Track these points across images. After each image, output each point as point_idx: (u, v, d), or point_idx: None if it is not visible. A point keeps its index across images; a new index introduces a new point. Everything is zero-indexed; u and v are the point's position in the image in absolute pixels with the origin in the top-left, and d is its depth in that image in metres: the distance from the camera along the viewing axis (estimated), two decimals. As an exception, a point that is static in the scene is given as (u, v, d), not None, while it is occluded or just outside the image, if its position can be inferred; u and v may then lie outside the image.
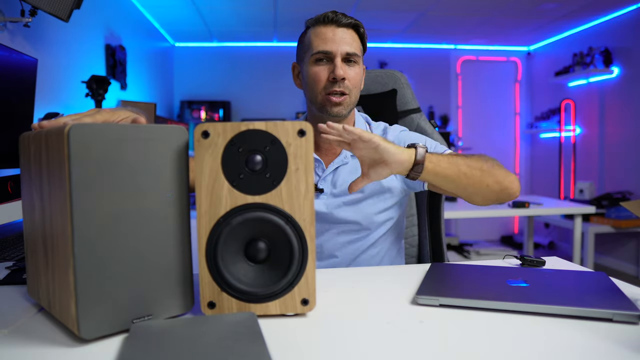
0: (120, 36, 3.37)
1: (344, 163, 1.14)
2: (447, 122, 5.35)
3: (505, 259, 0.98)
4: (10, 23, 1.95)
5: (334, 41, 1.05)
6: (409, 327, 0.62)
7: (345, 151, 1.14)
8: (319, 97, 1.08)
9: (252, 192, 0.65)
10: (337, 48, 1.05)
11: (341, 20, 1.06)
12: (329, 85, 1.06)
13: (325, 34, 1.06)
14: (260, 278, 0.67)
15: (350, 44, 1.06)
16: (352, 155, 1.14)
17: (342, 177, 1.13)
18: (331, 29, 1.06)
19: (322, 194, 1.13)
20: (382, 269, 0.96)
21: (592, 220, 3.85)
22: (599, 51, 4.22)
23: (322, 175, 1.14)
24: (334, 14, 1.06)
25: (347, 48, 1.05)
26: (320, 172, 1.14)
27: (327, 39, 1.05)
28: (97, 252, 0.57)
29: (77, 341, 0.58)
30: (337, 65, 1.04)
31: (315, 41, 1.07)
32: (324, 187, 1.13)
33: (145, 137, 0.61)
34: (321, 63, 1.07)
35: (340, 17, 1.06)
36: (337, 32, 1.06)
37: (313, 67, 1.07)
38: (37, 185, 0.65)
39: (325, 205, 1.12)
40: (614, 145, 4.21)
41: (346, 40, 1.06)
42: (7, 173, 1.61)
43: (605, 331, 0.60)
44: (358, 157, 0.85)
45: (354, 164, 1.14)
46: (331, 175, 1.14)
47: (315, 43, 1.06)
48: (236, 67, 5.12)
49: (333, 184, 1.13)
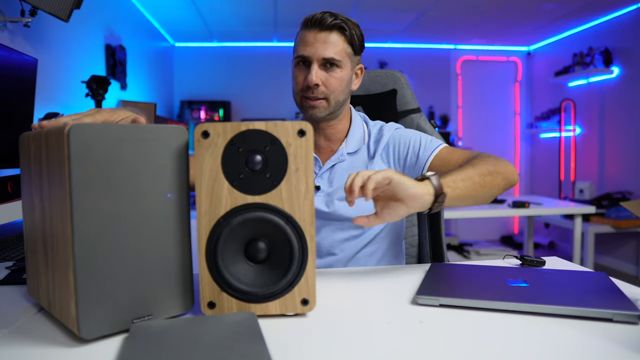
0: (120, 36, 3.37)
1: (340, 160, 1.14)
2: (447, 122, 5.35)
3: (505, 259, 0.98)
4: (10, 23, 1.95)
5: (313, 45, 1.04)
6: (409, 327, 0.62)
7: (341, 149, 1.14)
8: (297, 98, 1.10)
9: (252, 192, 0.65)
10: (314, 53, 1.04)
11: (325, 21, 1.04)
12: (305, 89, 1.06)
13: (307, 38, 1.05)
14: (260, 278, 0.67)
15: (330, 48, 1.04)
16: (348, 152, 1.15)
17: (339, 175, 1.13)
18: (313, 33, 1.05)
19: (319, 191, 1.13)
20: (382, 268, 0.96)
21: (592, 220, 3.85)
22: (599, 51, 4.22)
23: (318, 173, 1.15)
24: (321, 15, 1.04)
25: (325, 53, 1.04)
26: (317, 169, 1.15)
27: (307, 42, 1.05)
28: (97, 252, 0.57)
29: (77, 341, 0.58)
30: (311, 71, 1.04)
31: (298, 45, 1.07)
32: (321, 184, 1.14)
33: (145, 137, 0.61)
34: (300, 66, 1.07)
35: (326, 18, 1.04)
36: (318, 36, 1.04)
37: (294, 70, 1.09)
38: (37, 185, 0.65)
39: (322, 202, 1.13)
40: (614, 145, 4.21)
41: (326, 45, 1.04)
42: (7, 173, 1.61)
43: (605, 331, 0.60)
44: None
45: (350, 162, 1.15)
46: (328, 172, 1.15)
47: (298, 47, 1.07)
48: (236, 67, 5.12)
49: (330, 182, 1.14)
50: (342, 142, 1.16)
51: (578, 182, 4.42)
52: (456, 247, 3.88)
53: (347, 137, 1.16)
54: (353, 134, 1.16)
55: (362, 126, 1.19)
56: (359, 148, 1.16)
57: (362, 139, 1.17)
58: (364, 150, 1.16)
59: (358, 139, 1.16)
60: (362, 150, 1.16)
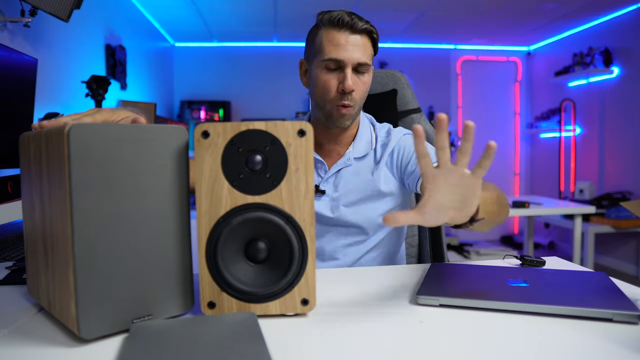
0: (120, 36, 3.37)
1: (346, 165, 1.11)
2: (447, 122, 5.35)
3: (505, 259, 0.98)
4: (10, 23, 1.95)
5: (346, 49, 0.99)
6: (409, 327, 0.62)
7: (348, 153, 1.11)
8: (327, 106, 1.03)
9: (252, 192, 0.65)
10: (350, 57, 0.99)
11: (356, 25, 0.99)
12: (338, 97, 1.01)
13: (338, 40, 0.99)
14: (260, 278, 0.67)
15: (363, 52, 1.00)
16: (355, 157, 1.11)
17: (345, 180, 1.11)
18: (344, 35, 0.99)
19: (324, 196, 1.11)
20: (382, 269, 0.96)
21: (592, 220, 3.86)
22: (599, 51, 4.22)
23: (324, 177, 1.12)
24: (349, 17, 0.99)
25: (360, 57, 1.00)
26: (323, 173, 1.12)
27: (340, 45, 0.99)
28: (97, 252, 0.57)
29: (77, 341, 0.58)
30: (347, 77, 0.99)
31: (328, 46, 1.00)
32: (326, 188, 1.12)
33: (145, 137, 0.61)
34: (331, 71, 1.01)
35: (355, 21, 1.00)
36: (350, 39, 0.99)
37: (323, 74, 1.02)
38: (37, 185, 0.65)
39: (327, 207, 1.11)
40: (614, 145, 4.21)
41: (359, 49, 1.00)
42: (7, 173, 1.61)
43: (605, 331, 0.60)
44: (429, 188, 0.62)
45: (356, 167, 1.12)
46: (333, 177, 1.12)
47: (328, 49, 1.00)
48: (236, 67, 5.12)
49: (335, 186, 1.11)
50: (350, 145, 1.12)
51: (578, 182, 4.42)
52: (456, 247, 3.88)
53: (354, 140, 1.12)
54: (361, 137, 1.13)
55: (369, 129, 1.16)
56: (367, 153, 1.12)
57: (370, 143, 1.13)
58: (370, 155, 1.13)
59: (365, 144, 1.13)
60: (369, 155, 1.13)
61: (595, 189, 4.35)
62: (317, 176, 1.13)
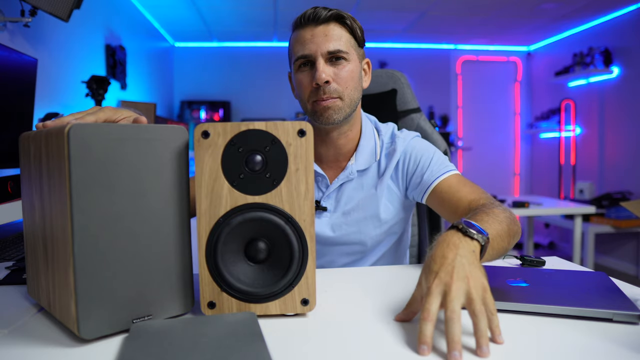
0: (120, 36, 3.37)
1: (349, 179, 1.04)
2: (447, 122, 5.35)
3: (505, 259, 0.97)
4: (10, 23, 1.95)
5: (312, 42, 0.93)
6: (409, 327, 0.62)
7: (350, 166, 1.04)
8: (308, 106, 0.97)
9: (252, 192, 0.65)
10: (317, 48, 0.93)
11: (319, 15, 0.93)
12: (314, 92, 0.95)
13: (304, 37, 0.94)
14: (260, 278, 0.67)
15: (333, 40, 0.93)
16: (358, 170, 1.04)
17: (347, 196, 1.04)
18: (309, 30, 0.94)
19: (325, 212, 1.05)
20: (382, 269, 0.96)
21: (592, 220, 3.86)
22: (599, 51, 4.22)
23: (325, 192, 1.04)
24: (312, 10, 0.94)
25: (329, 46, 0.93)
26: (324, 188, 1.05)
27: (305, 40, 0.94)
28: (97, 252, 0.57)
29: (77, 341, 0.58)
30: (317, 69, 0.92)
31: (295, 46, 0.96)
32: (328, 205, 1.05)
33: (145, 137, 0.61)
34: (304, 69, 0.96)
35: (319, 11, 0.94)
36: (315, 32, 0.94)
37: (297, 75, 0.97)
38: (37, 185, 0.65)
39: (328, 225, 1.05)
40: (614, 145, 4.21)
41: (327, 38, 0.93)
42: (7, 173, 1.61)
43: (605, 331, 0.60)
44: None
45: (359, 180, 1.05)
46: (335, 192, 1.05)
47: (295, 48, 0.96)
48: (236, 67, 5.12)
49: (337, 202, 1.05)
50: (352, 155, 1.05)
51: (578, 182, 4.42)
52: (456, 247, 3.86)
53: (356, 151, 1.04)
54: (363, 147, 1.05)
55: (373, 136, 1.07)
56: (370, 165, 1.05)
57: (374, 154, 1.05)
58: (374, 167, 1.06)
59: (369, 155, 1.05)
60: (373, 167, 1.06)
61: (595, 189, 4.35)
62: (317, 191, 1.06)
